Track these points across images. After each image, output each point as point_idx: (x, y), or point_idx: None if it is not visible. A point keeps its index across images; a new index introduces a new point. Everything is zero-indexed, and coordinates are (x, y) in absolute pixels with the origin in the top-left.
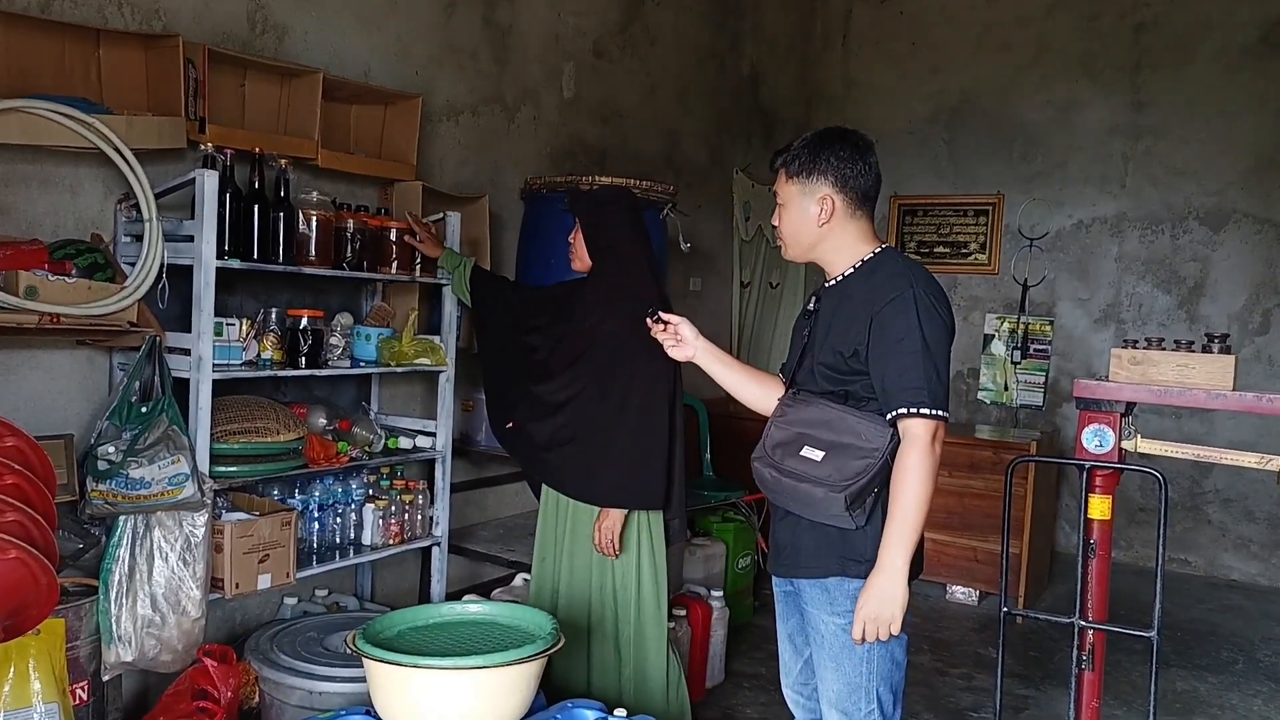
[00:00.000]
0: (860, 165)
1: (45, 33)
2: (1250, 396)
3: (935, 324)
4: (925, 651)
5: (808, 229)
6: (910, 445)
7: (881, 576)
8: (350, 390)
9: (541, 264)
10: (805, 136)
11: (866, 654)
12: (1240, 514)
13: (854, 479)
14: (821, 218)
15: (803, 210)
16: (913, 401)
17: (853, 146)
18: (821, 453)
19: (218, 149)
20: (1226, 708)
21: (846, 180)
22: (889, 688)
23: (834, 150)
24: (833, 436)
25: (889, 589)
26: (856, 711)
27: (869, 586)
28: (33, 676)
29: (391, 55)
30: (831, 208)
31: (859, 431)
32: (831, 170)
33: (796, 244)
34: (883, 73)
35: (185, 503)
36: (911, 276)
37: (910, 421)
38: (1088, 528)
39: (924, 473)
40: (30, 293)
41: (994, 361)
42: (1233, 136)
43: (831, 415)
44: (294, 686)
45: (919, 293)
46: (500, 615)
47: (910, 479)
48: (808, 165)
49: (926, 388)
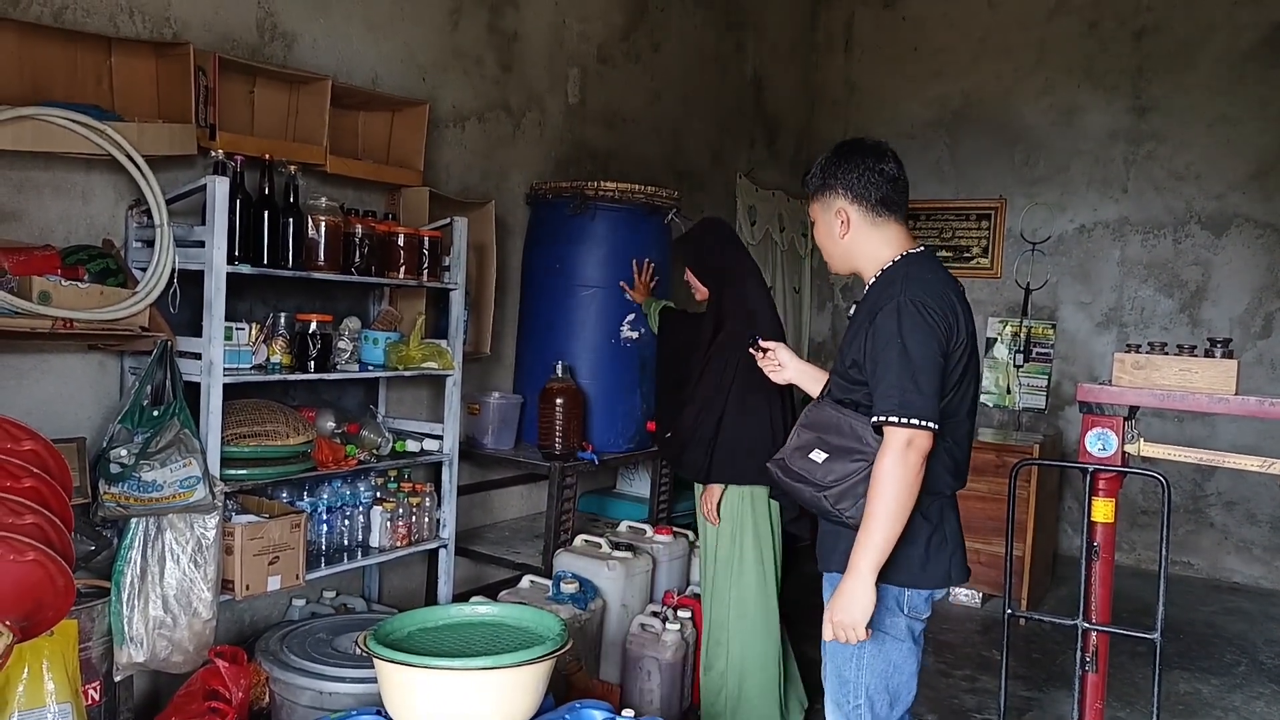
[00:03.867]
0: (871, 174)
1: (58, 41)
2: (1253, 401)
3: (918, 333)
4: (929, 653)
5: (834, 243)
6: (883, 452)
7: (848, 580)
8: (358, 394)
9: (546, 268)
10: (823, 155)
11: (857, 651)
12: (1242, 517)
13: (842, 480)
14: (841, 230)
15: (827, 225)
16: (884, 409)
17: (863, 156)
18: (825, 455)
19: (228, 155)
20: (1229, 710)
21: (858, 191)
22: (884, 688)
23: (844, 163)
24: (840, 440)
25: (851, 593)
26: (845, 704)
27: (839, 591)
28: (46, 677)
29: (399, 62)
30: (847, 219)
31: (860, 435)
32: (842, 183)
33: (831, 257)
34: (885, 77)
35: (197, 505)
36: (905, 284)
37: (886, 430)
38: (1091, 530)
39: (894, 480)
40: (43, 298)
41: (996, 365)
42: (1234, 141)
43: (840, 420)
44: (304, 687)
45: (904, 301)
46: (509, 617)
47: (880, 486)
48: (822, 182)
49: (899, 396)
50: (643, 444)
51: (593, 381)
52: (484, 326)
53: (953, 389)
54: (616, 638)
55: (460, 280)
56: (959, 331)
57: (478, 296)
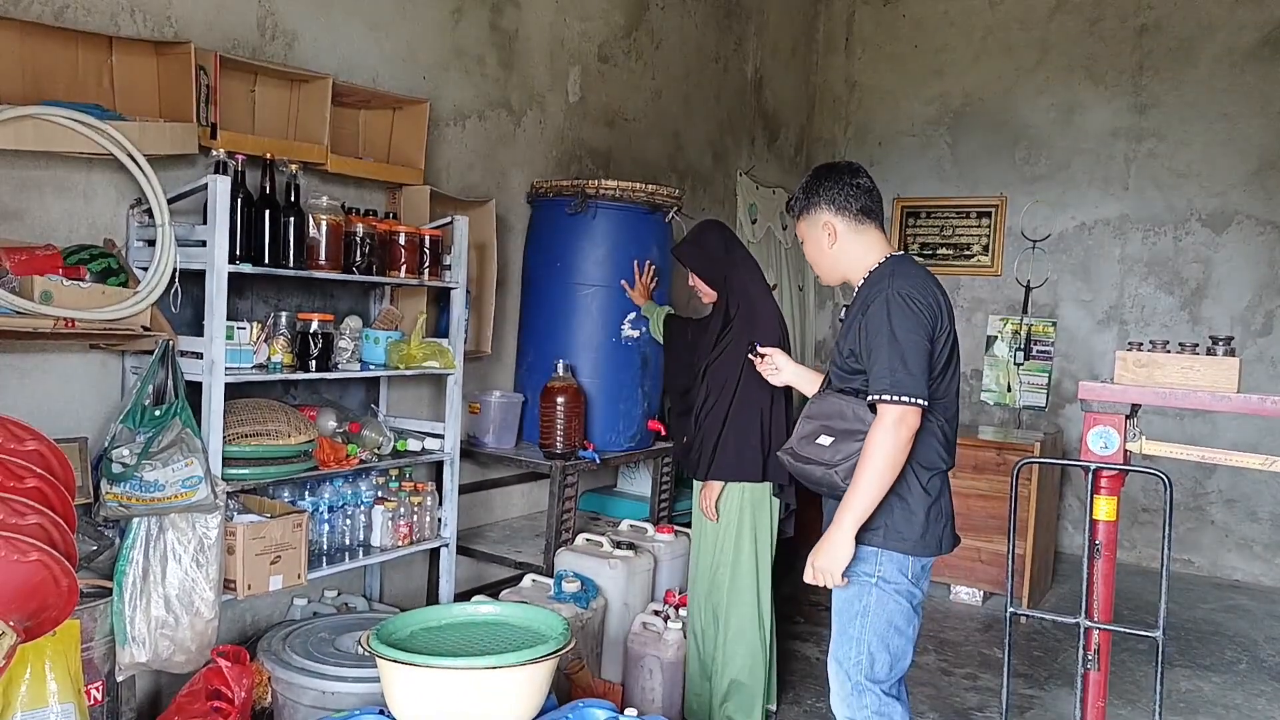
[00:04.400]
0: (850, 188)
1: (59, 40)
2: (1254, 398)
3: (905, 320)
4: (930, 651)
5: (823, 254)
6: (875, 424)
7: (832, 532)
8: (359, 393)
9: (547, 267)
10: (802, 180)
11: (862, 610)
12: (1243, 515)
13: (849, 458)
14: (829, 241)
15: (816, 240)
16: (878, 389)
17: (839, 174)
18: (831, 439)
19: (229, 154)
20: (1231, 707)
21: (840, 204)
22: (885, 647)
23: (822, 183)
24: (843, 425)
25: (834, 542)
26: (846, 660)
27: (822, 540)
28: (49, 677)
29: (399, 61)
30: (834, 231)
31: (862, 417)
32: (825, 199)
33: (822, 269)
34: (886, 75)
35: (198, 505)
36: (892, 280)
37: (880, 406)
38: (1093, 528)
39: (884, 450)
40: (45, 297)
41: (997, 363)
42: (1235, 138)
43: (843, 407)
44: (307, 687)
45: (892, 293)
46: (512, 616)
47: (869, 454)
48: (805, 202)
49: (890, 376)
50: (644, 443)
51: (594, 380)
52: (485, 325)
53: (940, 372)
54: (618, 637)
55: (461, 279)
56: (942, 320)
57: (478, 295)
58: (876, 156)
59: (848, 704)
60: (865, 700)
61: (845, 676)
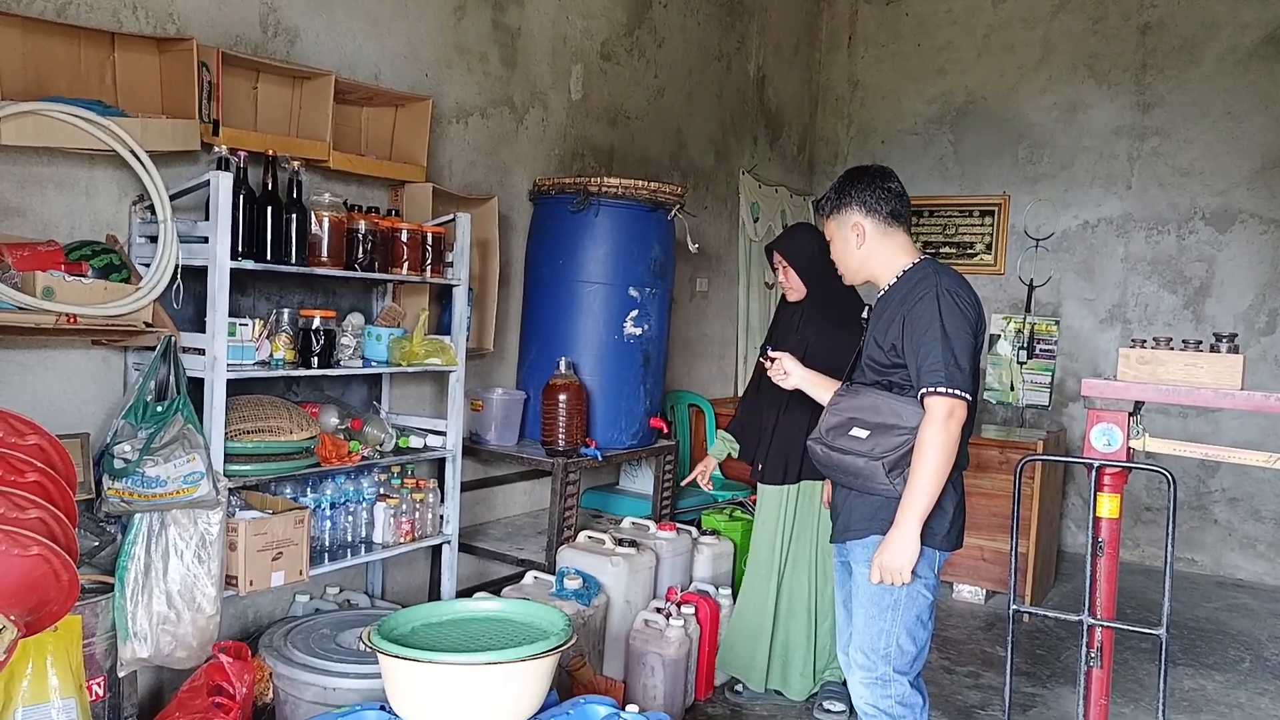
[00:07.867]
0: (880, 191)
1: (61, 36)
2: (1258, 396)
3: (956, 316)
4: (932, 650)
5: (850, 254)
6: (927, 420)
7: (897, 532)
8: (361, 390)
9: (549, 264)
10: (835, 181)
11: (894, 603)
12: (1247, 513)
13: (892, 451)
14: (857, 241)
15: (844, 240)
16: (931, 381)
17: (870, 177)
18: (867, 432)
19: (231, 151)
20: (1234, 706)
21: (870, 206)
22: (912, 641)
23: (854, 184)
24: (878, 419)
25: (901, 543)
26: (875, 651)
27: (887, 540)
28: (50, 673)
29: (402, 58)
30: (863, 231)
31: (899, 413)
32: (856, 200)
33: (848, 269)
34: (888, 74)
35: (200, 501)
36: (938, 279)
37: (930, 399)
38: (1096, 526)
39: (939, 445)
40: (47, 293)
41: (1000, 361)
42: (1239, 137)
43: (878, 401)
44: (309, 683)
45: (942, 290)
46: (513, 612)
47: (926, 451)
48: (837, 202)
49: (944, 370)
50: (646, 440)
51: (596, 377)
52: (487, 323)
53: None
54: (620, 633)
55: (463, 276)
56: (981, 321)
57: (481, 293)
58: (879, 155)
59: (872, 692)
60: (891, 690)
61: (871, 666)
